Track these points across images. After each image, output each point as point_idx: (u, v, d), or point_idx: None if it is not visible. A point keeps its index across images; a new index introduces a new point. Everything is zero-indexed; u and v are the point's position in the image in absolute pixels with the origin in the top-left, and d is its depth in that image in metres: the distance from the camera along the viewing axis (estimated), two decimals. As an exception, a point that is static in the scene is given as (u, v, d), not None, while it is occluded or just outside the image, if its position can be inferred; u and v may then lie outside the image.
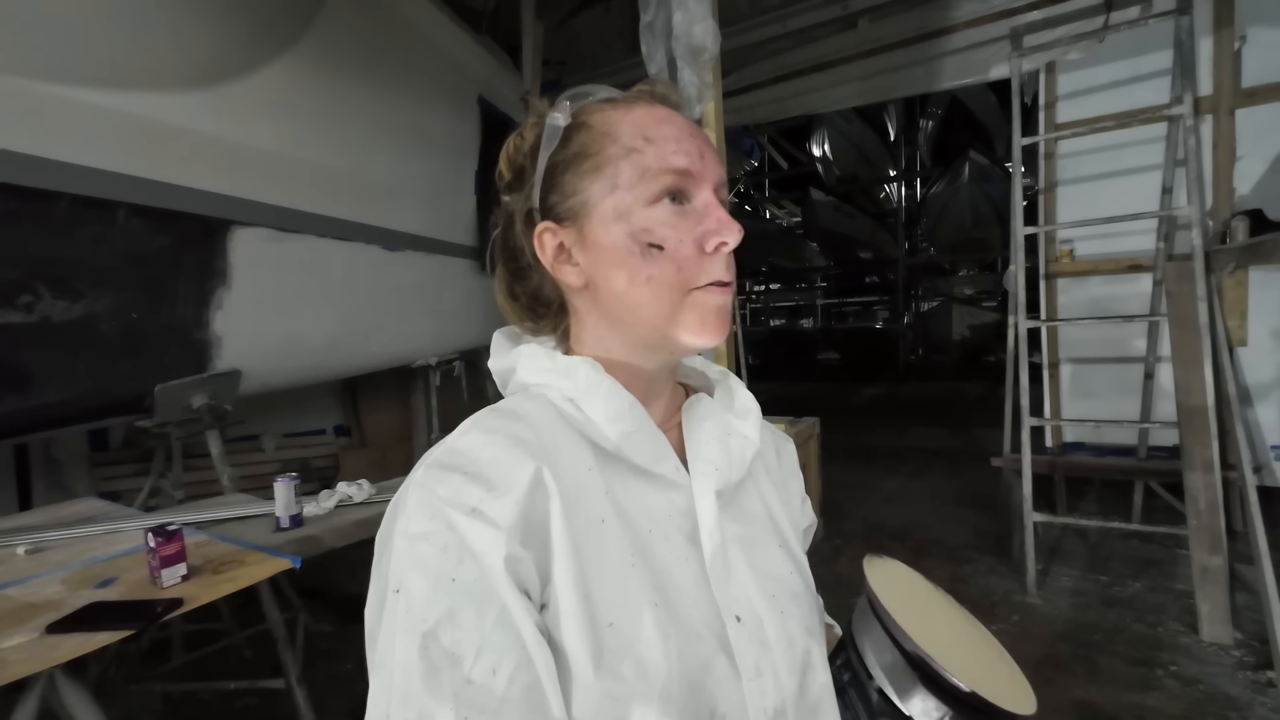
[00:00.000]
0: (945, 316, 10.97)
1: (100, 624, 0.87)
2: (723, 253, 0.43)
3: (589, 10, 4.26)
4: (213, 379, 2.10)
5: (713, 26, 1.54)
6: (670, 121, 0.44)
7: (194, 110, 1.88)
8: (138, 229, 1.79)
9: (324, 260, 2.48)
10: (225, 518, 1.33)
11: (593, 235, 0.43)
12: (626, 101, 0.45)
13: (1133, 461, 2.87)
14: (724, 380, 0.52)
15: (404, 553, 0.35)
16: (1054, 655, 2.04)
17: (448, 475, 0.37)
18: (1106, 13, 2.78)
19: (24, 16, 1.48)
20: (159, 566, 0.98)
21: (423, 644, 0.33)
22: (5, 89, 1.48)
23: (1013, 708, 0.41)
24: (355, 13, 2.44)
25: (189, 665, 2.08)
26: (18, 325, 1.58)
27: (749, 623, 0.41)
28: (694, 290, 0.42)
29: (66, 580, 1.04)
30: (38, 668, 0.78)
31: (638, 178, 0.41)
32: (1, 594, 0.99)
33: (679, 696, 0.36)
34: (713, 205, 0.43)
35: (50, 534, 1.27)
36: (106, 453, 3.03)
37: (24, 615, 0.90)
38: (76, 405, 1.81)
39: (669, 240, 0.41)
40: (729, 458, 0.45)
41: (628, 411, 0.42)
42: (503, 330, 0.50)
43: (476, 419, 0.42)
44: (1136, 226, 2.78)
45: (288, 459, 3.60)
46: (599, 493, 0.40)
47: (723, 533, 0.42)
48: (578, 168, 0.43)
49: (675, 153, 0.42)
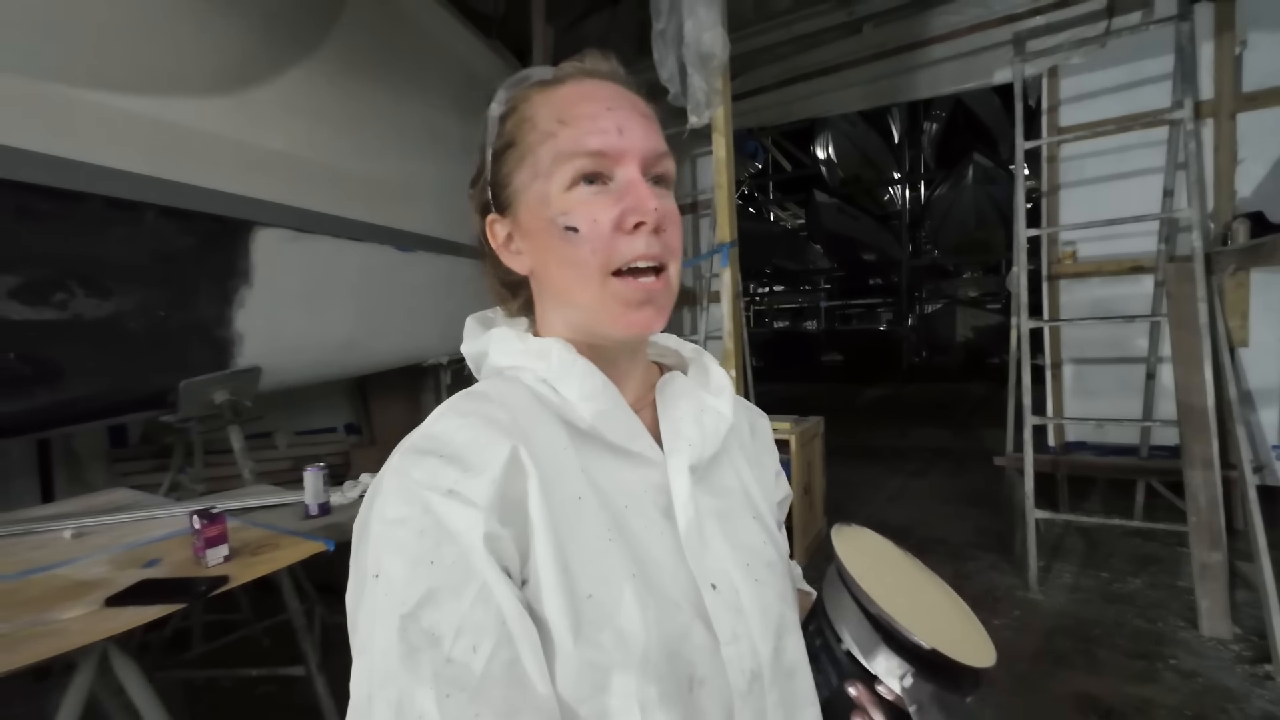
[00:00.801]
0: (949, 319, 10.97)
1: (153, 598, 0.93)
2: (642, 232, 0.41)
3: (596, 15, 4.32)
4: (234, 375, 2.16)
5: (722, 34, 1.59)
6: (590, 98, 0.42)
7: (219, 115, 1.94)
8: (165, 229, 1.85)
9: (340, 260, 2.54)
10: (256, 505, 1.39)
11: (525, 223, 0.43)
12: (556, 82, 0.44)
13: (1134, 460, 2.90)
14: (698, 358, 0.52)
15: (381, 538, 0.35)
16: (1055, 649, 2.08)
17: (423, 459, 0.37)
18: (1108, 18, 2.83)
19: (59, 25, 1.54)
20: (203, 547, 1.04)
21: (402, 626, 0.33)
22: (41, 94, 1.54)
23: (973, 662, 0.43)
24: (371, 20, 2.51)
25: (208, 654, 2.14)
26: (52, 322, 1.64)
27: (725, 591, 0.42)
28: (613, 277, 0.41)
29: (113, 561, 1.10)
30: (100, 636, 0.84)
31: (553, 162, 0.41)
32: (54, 573, 1.05)
33: (658, 663, 0.37)
34: (634, 183, 0.41)
35: (92, 519, 1.33)
36: (125, 448, 3.09)
37: (79, 591, 0.97)
38: (105, 400, 1.87)
39: (583, 222, 0.41)
40: (703, 433, 0.45)
41: (601, 391, 0.43)
42: (474, 315, 0.50)
43: (451, 403, 0.42)
44: (1138, 228, 2.82)
45: (300, 456, 3.66)
46: (575, 471, 0.41)
47: (697, 506, 0.43)
48: (507, 155, 0.44)
49: (589, 133, 0.41)
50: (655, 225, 0.41)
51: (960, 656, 0.43)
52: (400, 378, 3.85)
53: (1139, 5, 2.80)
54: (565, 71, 0.44)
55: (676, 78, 1.71)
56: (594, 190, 0.41)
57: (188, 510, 1.23)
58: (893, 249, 11.49)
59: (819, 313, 14.24)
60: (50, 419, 1.79)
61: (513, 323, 0.49)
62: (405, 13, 2.76)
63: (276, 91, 2.13)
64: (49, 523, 1.32)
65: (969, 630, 0.49)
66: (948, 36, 3.32)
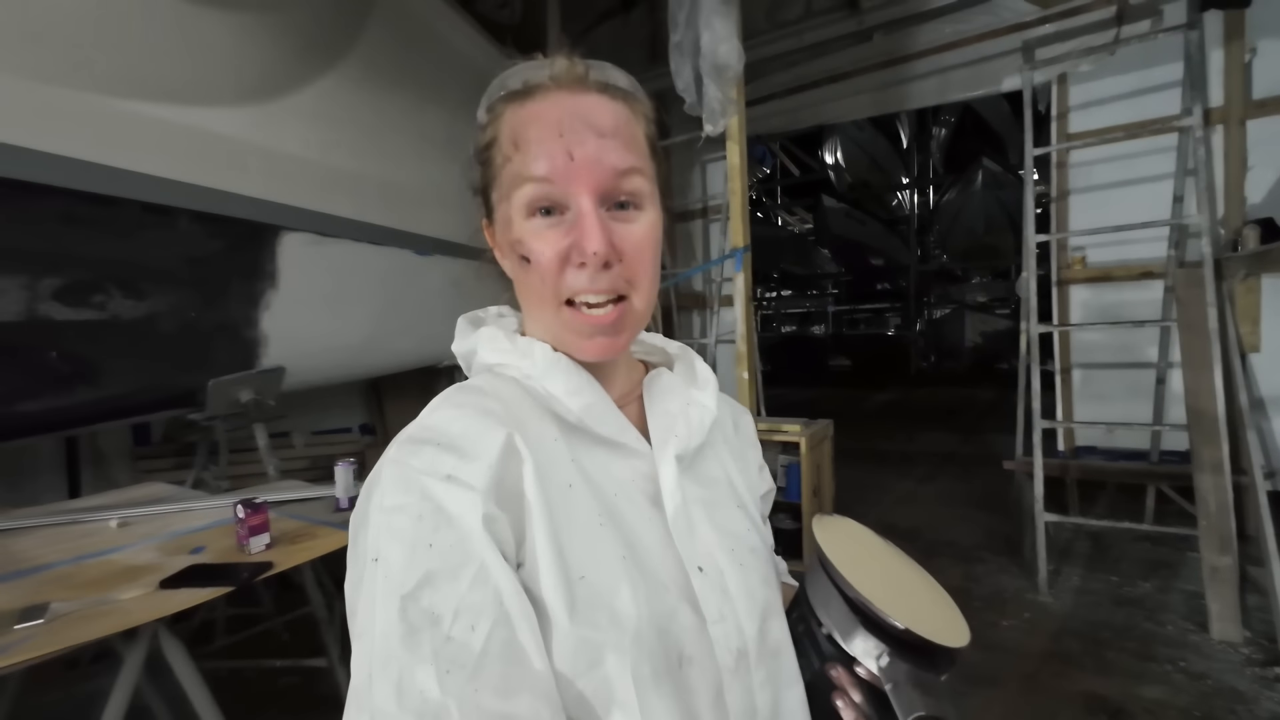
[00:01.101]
0: (958, 323, 10.95)
1: (204, 581, 0.98)
2: (587, 268, 0.41)
3: (608, 22, 4.39)
4: (259, 375, 2.22)
5: (737, 46, 1.64)
6: (541, 119, 0.41)
7: (249, 123, 2.01)
8: (197, 234, 1.92)
9: (360, 264, 2.60)
10: (293, 498, 1.44)
11: (499, 239, 0.46)
12: (524, 94, 0.43)
13: (1144, 465, 2.91)
14: (683, 355, 0.54)
15: (381, 525, 0.36)
16: (1064, 650, 2.10)
17: (421, 448, 0.38)
18: (1117, 26, 2.85)
19: (100, 38, 1.61)
20: (247, 535, 1.09)
21: (401, 607, 0.33)
22: (82, 104, 1.61)
23: (947, 642, 0.45)
24: (393, 31, 2.58)
25: (231, 647, 2.20)
26: (91, 322, 1.70)
27: (710, 573, 0.43)
28: (565, 306, 0.42)
29: (161, 548, 1.16)
30: (160, 614, 0.89)
31: (510, 187, 0.42)
32: (107, 558, 1.11)
33: (650, 640, 0.38)
34: (583, 215, 0.40)
35: (136, 510, 1.39)
36: (148, 446, 3.17)
37: (132, 575, 1.02)
38: (139, 398, 1.93)
39: (534, 253, 0.41)
40: (689, 425, 0.47)
41: (586, 386, 0.44)
42: (465, 315, 0.52)
43: (445, 395, 0.43)
44: (1148, 234, 2.83)
45: (316, 455, 3.73)
46: (565, 460, 0.42)
47: (684, 494, 0.45)
48: (485, 173, 0.45)
49: (538, 157, 0.40)
50: (603, 261, 0.40)
51: (935, 637, 0.45)
52: (414, 379, 3.92)
53: (1148, 14, 2.83)
54: (534, 81, 0.43)
55: (692, 88, 1.75)
56: (549, 222, 0.41)
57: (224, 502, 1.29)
58: (901, 254, 11.49)
59: (826, 317, 14.23)
60: (87, 416, 1.86)
61: (501, 322, 0.50)
62: (426, 23, 2.83)
63: (304, 100, 2.20)
64: (93, 513, 1.39)
65: (945, 612, 0.51)
66: (957, 44, 3.35)
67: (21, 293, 1.55)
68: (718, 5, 1.59)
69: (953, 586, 1.78)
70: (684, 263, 4.56)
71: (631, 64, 2.03)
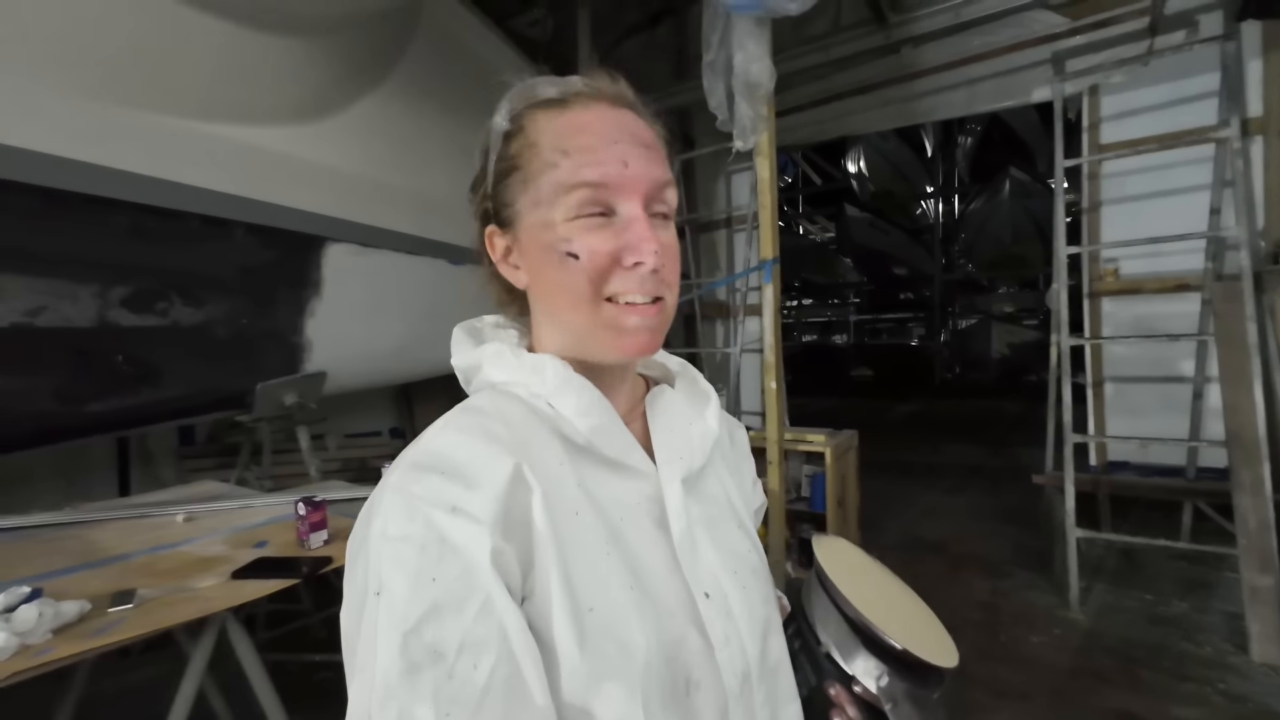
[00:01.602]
0: (984, 334, 10.75)
1: (270, 573, 1.05)
2: (639, 270, 0.42)
3: (636, 37, 4.48)
4: (303, 379, 2.32)
5: (769, 66, 1.69)
6: (592, 129, 0.42)
7: (300, 140, 2.12)
8: (251, 244, 2.03)
9: (398, 273, 2.70)
10: (343, 498, 1.52)
11: (524, 242, 0.44)
12: (560, 104, 0.44)
13: (1181, 482, 2.85)
14: (684, 372, 0.54)
15: (383, 555, 0.35)
16: (1096, 668, 2.07)
17: (425, 475, 0.37)
18: (1151, 37, 2.83)
19: (170, 65, 1.72)
20: (307, 531, 1.16)
21: (404, 643, 0.33)
22: (152, 125, 1.72)
23: (940, 662, 0.47)
24: (432, 52, 2.69)
25: (271, 641, 2.28)
26: (154, 328, 1.81)
27: (716, 598, 0.43)
28: (606, 302, 0.42)
29: (227, 541, 1.23)
30: (237, 601, 0.96)
31: (554, 193, 0.41)
32: (179, 550, 1.19)
33: (658, 669, 0.38)
34: (636, 220, 0.42)
35: (200, 506, 1.48)
36: (192, 446, 3.30)
37: (205, 566, 1.10)
38: (194, 400, 2.04)
39: (584, 251, 0.41)
40: (691, 446, 0.47)
41: (596, 406, 0.44)
42: (462, 326, 0.50)
43: (449, 418, 0.42)
44: (1184, 246, 2.79)
45: (347, 457, 3.85)
46: (571, 485, 0.41)
47: (688, 515, 0.44)
48: (511, 178, 0.44)
49: (590, 164, 0.41)
50: (657, 265, 0.41)
51: (929, 657, 0.47)
52: (443, 384, 4.02)
53: (1183, 24, 2.80)
54: (571, 91, 0.44)
55: (724, 105, 1.81)
56: (597, 222, 0.41)
57: (280, 500, 1.36)
58: (925, 263, 11.36)
59: (848, 326, 14.11)
60: (148, 416, 1.97)
61: (503, 336, 0.49)
62: (463, 41, 2.94)
63: (349, 119, 2.31)
64: (159, 508, 1.48)
65: (934, 633, 0.53)
66: (985, 56, 3.35)
67: (94, 300, 1.67)
68: (750, 27, 1.64)
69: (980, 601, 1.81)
70: (707, 272, 4.60)
71: (658, 78, 2.14)
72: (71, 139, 1.50)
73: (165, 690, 1.09)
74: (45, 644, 0.85)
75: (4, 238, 1.44)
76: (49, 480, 2.59)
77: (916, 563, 3.03)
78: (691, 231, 4.53)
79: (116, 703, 1.80)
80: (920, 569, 2.94)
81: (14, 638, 0.81)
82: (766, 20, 1.69)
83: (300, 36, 1.94)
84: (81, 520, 1.45)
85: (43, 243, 1.53)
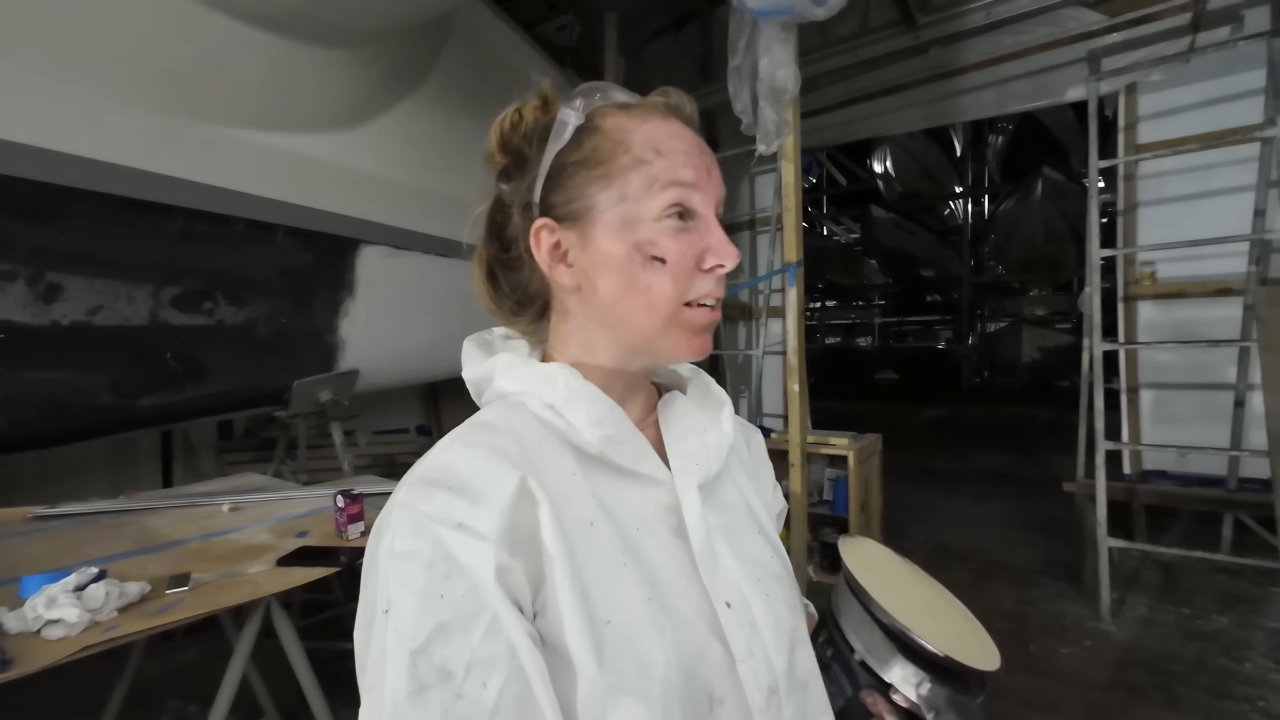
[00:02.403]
0: (1014, 338, 10.50)
1: (312, 562, 1.11)
2: (718, 273, 0.44)
3: (660, 39, 4.51)
4: (337, 377, 2.41)
5: (794, 71, 1.70)
6: (681, 136, 0.44)
7: (338, 147, 2.20)
8: (291, 247, 2.11)
9: (427, 274, 2.77)
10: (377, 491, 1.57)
11: (595, 241, 0.43)
12: (641, 110, 0.45)
13: (1221, 492, 2.75)
14: (696, 377, 0.54)
15: (391, 572, 0.35)
16: (1129, 682, 2.02)
17: (432, 492, 0.37)
18: (1193, 34, 2.75)
19: (225, 79, 1.81)
20: (345, 523, 1.22)
21: (411, 662, 0.33)
22: (207, 135, 1.81)
23: (981, 665, 0.45)
24: (464, 58, 2.75)
25: (304, 628, 2.37)
26: (201, 327, 1.90)
27: (738, 608, 0.42)
28: (685, 306, 0.43)
29: (271, 531, 1.30)
30: (281, 587, 1.02)
31: (646, 190, 0.42)
32: (228, 538, 1.27)
33: (679, 684, 0.37)
34: (714, 225, 0.44)
35: (245, 497, 1.56)
36: (231, 440, 3.44)
37: (254, 553, 1.17)
38: (236, 396, 2.13)
39: (671, 254, 0.42)
40: (707, 452, 0.47)
41: (609, 415, 0.43)
42: (473, 339, 0.50)
43: (457, 434, 0.42)
44: (1224, 249, 2.70)
45: (376, 454, 3.95)
46: (585, 496, 0.41)
47: (707, 524, 0.44)
48: (587, 173, 0.43)
49: (684, 165, 0.43)
50: (732, 267, 0.44)
51: (970, 661, 0.45)
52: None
53: (1227, 20, 2.72)
54: (651, 105, 0.46)
55: (749, 109, 1.82)
56: (682, 225, 0.42)
57: (319, 492, 1.42)
58: (953, 265, 11.13)
59: (873, 329, 13.92)
60: (192, 411, 2.06)
61: (513, 346, 0.49)
62: (492, 48, 3.01)
63: (384, 125, 2.38)
64: (207, 498, 1.56)
65: (974, 634, 0.51)
66: (1017, 55, 3.29)
67: (147, 300, 1.76)
68: (777, 33, 1.66)
69: (1008, 610, 1.79)
70: (731, 274, 4.59)
71: (683, 81, 2.18)
72: (135, 150, 1.59)
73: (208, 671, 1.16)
74: (111, 621, 0.92)
75: (71, 241, 1.54)
76: (100, 468, 2.73)
77: (942, 570, 2.97)
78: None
79: (164, 681, 1.89)
80: (945, 577, 2.80)
81: (85, 614, 0.88)
82: (792, 26, 1.70)
83: (343, 48, 2.01)
84: (137, 508, 1.54)
85: (104, 246, 1.62)
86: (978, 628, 0.52)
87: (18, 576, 1.02)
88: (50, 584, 0.92)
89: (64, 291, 1.57)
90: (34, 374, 1.58)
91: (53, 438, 1.75)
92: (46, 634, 0.86)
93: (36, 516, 1.50)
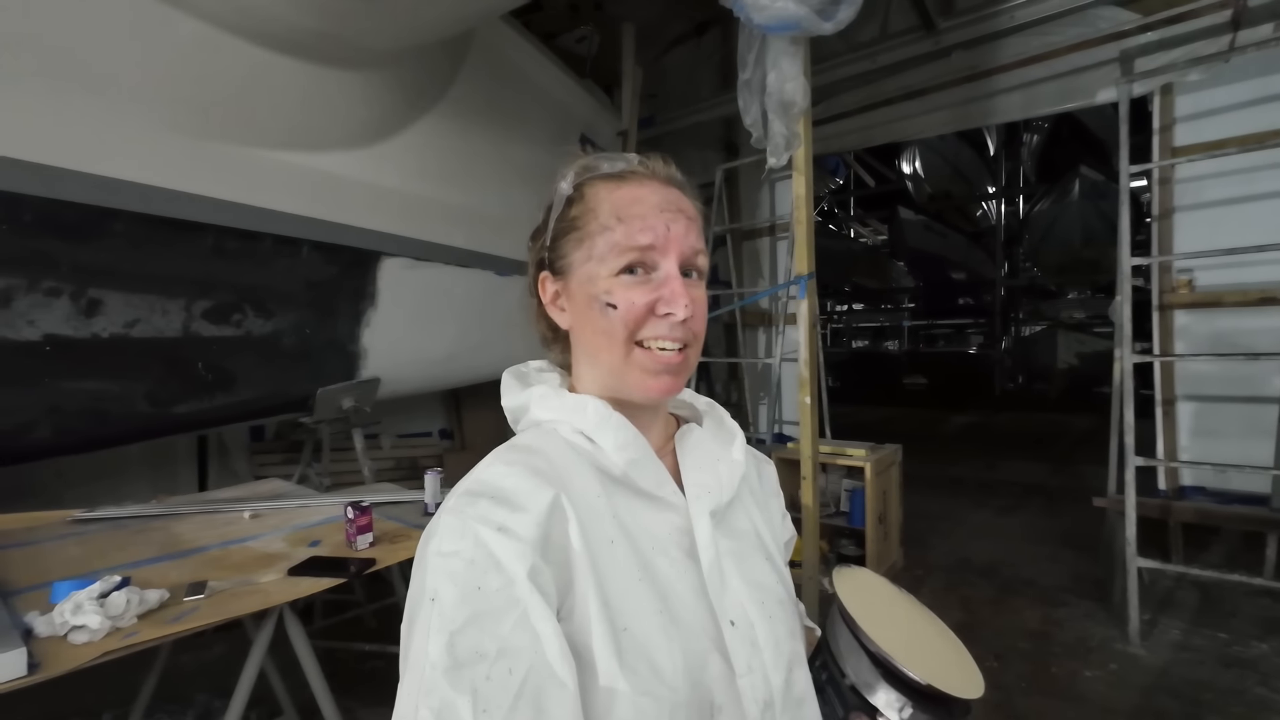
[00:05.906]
0: (1050, 342, 10.14)
1: (322, 572, 1.16)
2: (669, 319, 0.48)
3: (680, 47, 4.52)
4: (359, 385, 2.48)
5: (804, 84, 1.69)
6: (643, 200, 0.49)
7: (360, 163, 2.27)
8: (316, 261, 2.19)
9: (448, 285, 2.84)
10: (386, 500, 1.63)
11: (573, 290, 0.51)
12: (618, 178, 0.51)
13: (1264, 511, 2.62)
14: (711, 411, 0.59)
15: (438, 568, 0.40)
16: (1156, 708, 1.94)
17: (477, 500, 0.42)
18: (1233, 32, 2.63)
19: (254, 103, 1.89)
20: (355, 533, 1.26)
21: (450, 642, 0.37)
22: (237, 157, 1.90)
23: (963, 693, 0.49)
24: (483, 75, 2.81)
25: (326, 629, 2.45)
26: (231, 338, 1.99)
27: (741, 626, 0.47)
28: (636, 346, 0.48)
29: (285, 539, 1.36)
30: (293, 596, 1.07)
31: (607, 251, 0.48)
32: (245, 545, 1.33)
33: (684, 690, 0.42)
34: (671, 277, 0.48)
35: (264, 504, 1.63)
36: (262, 442, 3.58)
37: (267, 561, 1.22)
38: (263, 403, 2.22)
39: (622, 302, 0.48)
40: (719, 481, 0.51)
41: (633, 441, 0.49)
42: (511, 371, 0.56)
43: (497, 454, 0.48)
44: (1268, 256, 2.57)
45: (400, 457, 4.06)
46: (607, 516, 0.46)
47: (717, 548, 0.48)
48: (568, 236, 0.51)
49: (641, 230, 0.48)
50: (684, 316, 0.48)
51: (951, 688, 0.48)
52: (490, 389, 4.16)
53: (1268, 17, 2.59)
54: (630, 169, 0.52)
55: (759, 122, 1.82)
56: (636, 279, 0.48)
57: (333, 500, 1.47)
58: (985, 267, 10.83)
59: (901, 333, 13.62)
60: (222, 418, 2.16)
61: (545, 377, 0.55)
62: (512, 62, 3.06)
63: (404, 141, 2.45)
64: (231, 505, 1.64)
65: (960, 663, 0.54)
66: (1045, 56, 3.19)
67: (180, 314, 1.85)
68: (786, 46, 1.65)
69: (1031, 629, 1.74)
70: (750, 279, 4.58)
71: (704, 87, 2.19)
72: (172, 172, 1.68)
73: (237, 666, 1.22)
74: (132, 627, 0.98)
75: (111, 259, 1.63)
76: (140, 469, 2.88)
77: (962, 586, 2.92)
78: (733, 240, 4.52)
79: (194, 675, 1.99)
80: (966, 593, 2.83)
81: (107, 621, 0.94)
82: (802, 40, 1.69)
83: (366, 70, 2.08)
84: (166, 514, 1.62)
85: (141, 263, 1.71)
86: (965, 657, 0.55)
87: (50, 581, 1.10)
88: (77, 590, 0.99)
89: (104, 306, 1.67)
90: (77, 384, 1.68)
91: (94, 443, 1.86)
92: (72, 639, 0.93)
93: (75, 520, 1.60)
